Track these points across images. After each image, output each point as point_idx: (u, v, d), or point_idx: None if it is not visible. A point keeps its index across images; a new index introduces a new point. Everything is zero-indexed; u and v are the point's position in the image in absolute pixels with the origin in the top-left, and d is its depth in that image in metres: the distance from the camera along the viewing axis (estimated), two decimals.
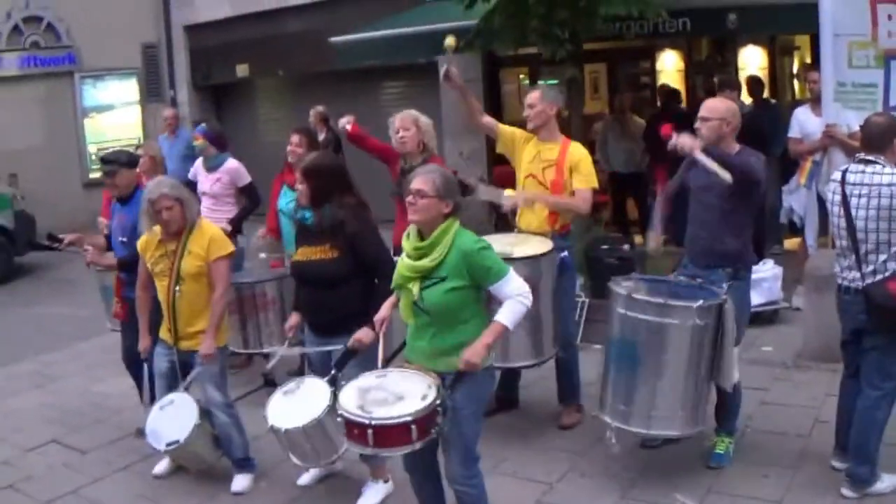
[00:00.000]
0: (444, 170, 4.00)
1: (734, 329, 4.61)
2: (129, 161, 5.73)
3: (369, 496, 4.80)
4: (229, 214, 6.90)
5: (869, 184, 4.34)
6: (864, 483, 4.46)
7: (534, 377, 5.99)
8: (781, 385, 6.08)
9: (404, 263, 3.84)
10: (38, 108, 14.76)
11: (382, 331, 4.06)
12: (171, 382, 5.02)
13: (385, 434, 3.58)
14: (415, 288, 3.77)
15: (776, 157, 8.17)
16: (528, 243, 5.25)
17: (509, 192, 5.48)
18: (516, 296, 3.72)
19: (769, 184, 4.88)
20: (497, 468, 4.98)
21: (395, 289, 3.95)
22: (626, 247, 8.00)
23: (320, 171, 4.60)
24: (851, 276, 4.46)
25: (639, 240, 8.43)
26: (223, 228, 5.70)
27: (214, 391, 4.97)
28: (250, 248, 7.10)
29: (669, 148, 4.60)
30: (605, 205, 10.56)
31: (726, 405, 4.93)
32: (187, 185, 5.77)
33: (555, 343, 5.40)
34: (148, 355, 5.18)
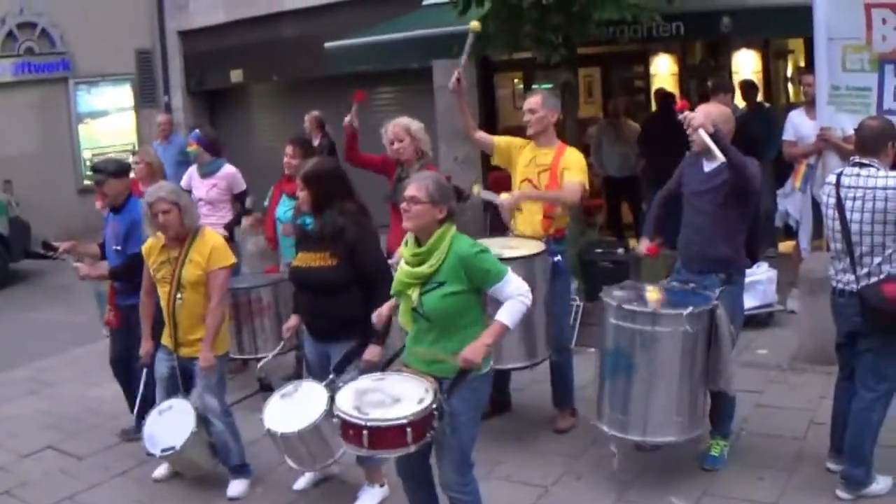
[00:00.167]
0: (437, 176, 4.00)
1: (732, 333, 4.63)
2: (116, 170, 5.72)
3: (365, 500, 4.80)
4: (225, 220, 6.91)
5: (864, 187, 4.36)
6: (859, 485, 4.47)
7: (527, 380, 6.00)
8: (776, 387, 6.10)
9: (403, 270, 3.86)
10: (33, 115, 14.72)
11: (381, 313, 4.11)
12: (171, 388, 5.02)
13: (380, 436, 3.59)
14: (414, 294, 3.79)
15: (770, 160, 8.18)
16: (521, 247, 5.25)
17: (505, 194, 5.49)
18: (517, 296, 3.73)
19: (763, 187, 4.90)
20: (492, 472, 4.99)
21: (394, 295, 3.97)
22: (620, 250, 8.00)
23: (321, 177, 4.60)
24: (846, 278, 4.48)
25: (633, 243, 8.43)
26: (224, 236, 5.70)
27: (212, 399, 4.97)
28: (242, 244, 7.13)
29: (679, 118, 4.62)
30: (600, 209, 10.56)
31: (721, 408, 4.94)
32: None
33: (547, 345, 5.40)
34: (149, 360, 5.17)
